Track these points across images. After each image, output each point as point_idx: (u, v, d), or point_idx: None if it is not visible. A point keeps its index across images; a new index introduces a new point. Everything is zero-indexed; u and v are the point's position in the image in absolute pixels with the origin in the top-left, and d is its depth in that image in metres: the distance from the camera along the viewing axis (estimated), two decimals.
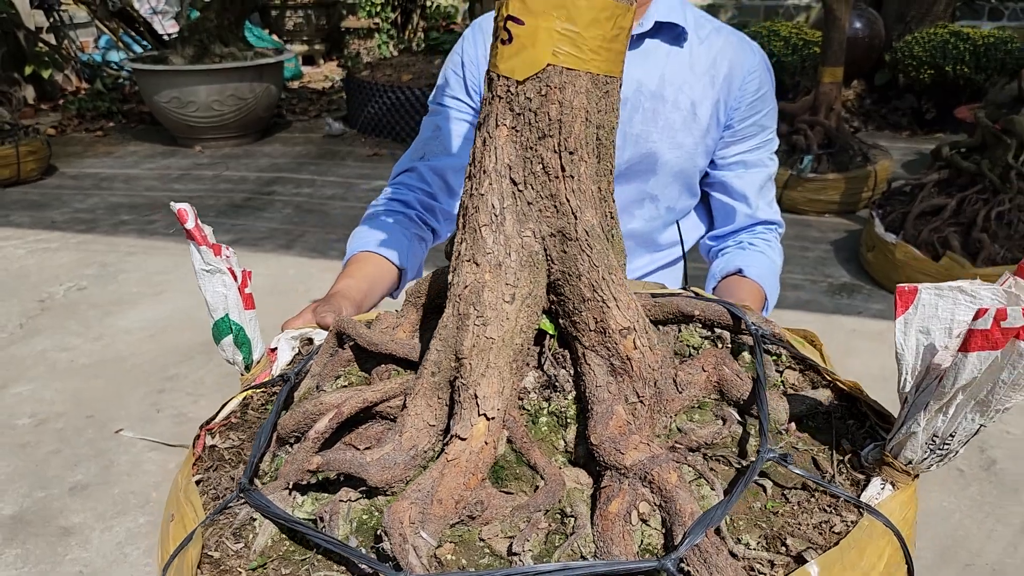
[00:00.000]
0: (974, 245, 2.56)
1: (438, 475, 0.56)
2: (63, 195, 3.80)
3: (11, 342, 2.44)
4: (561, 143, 0.60)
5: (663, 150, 1.30)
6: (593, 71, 0.60)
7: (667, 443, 0.59)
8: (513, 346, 0.61)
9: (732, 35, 1.31)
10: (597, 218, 0.63)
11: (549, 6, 0.58)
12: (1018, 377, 0.46)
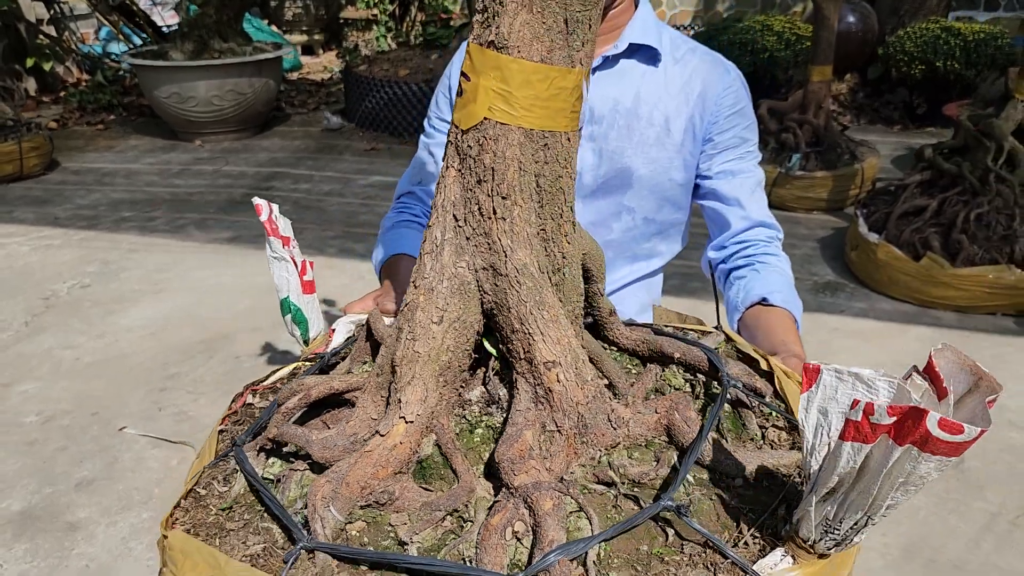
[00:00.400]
0: (954, 246, 2.62)
1: (353, 462, 0.64)
2: (65, 191, 3.87)
3: (17, 340, 2.52)
4: (494, 188, 0.67)
5: (637, 165, 1.37)
6: (526, 126, 0.66)
7: (590, 473, 0.65)
8: (439, 362, 0.69)
9: (707, 55, 1.38)
10: (532, 257, 0.69)
11: (488, 67, 0.65)
12: (907, 477, 0.47)
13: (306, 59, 7.55)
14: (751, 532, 0.60)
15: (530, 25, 0.65)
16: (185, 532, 0.63)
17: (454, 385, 0.73)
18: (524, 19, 0.65)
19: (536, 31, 0.65)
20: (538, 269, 0.70)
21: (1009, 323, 2.58)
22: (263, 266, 2.95)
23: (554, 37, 0.66)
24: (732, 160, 1.38)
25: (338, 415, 0.76)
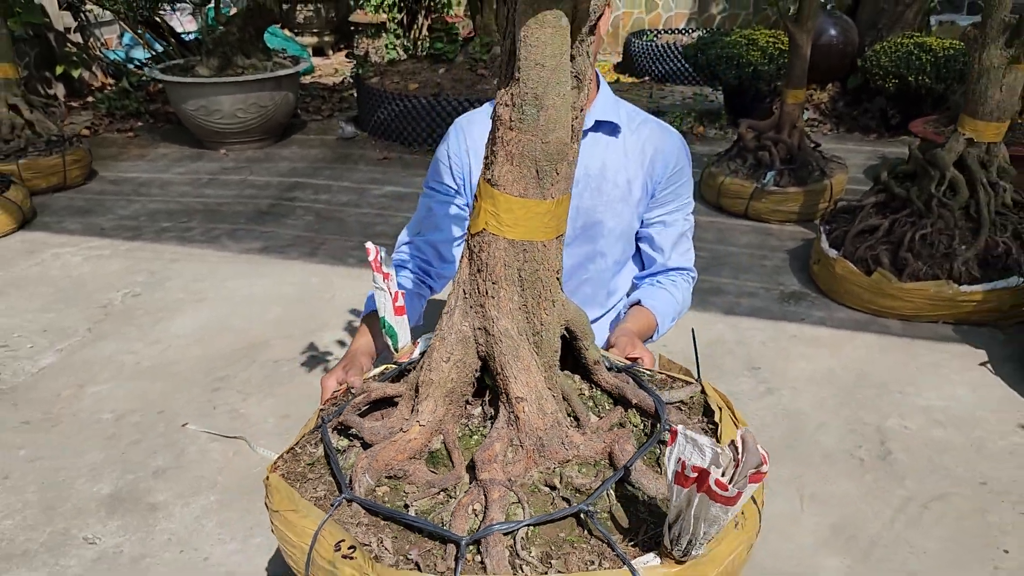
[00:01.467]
0: (901, 262, 2.99)
1: (384, 446, 1.04)
2: (106, 201, 4.24)
3: (83, 346, 2.90)
4: (487, 276, 1.05)
5: (607, 218, 1.76)
6: (509, 237, 1.03)
7: (543, 479, 1.03)
8: (446, 387, 1.09)
9: (656, 125, 1.78)
10: (512, 324, 1.07)
11: (486, 196, 1.03)
12: (706, 515, 0.78)
13: (317, 60, 7.88)
14: (641, 537, 0.91)
15: (512, 172, 1.02)
16: (280, 476, 1.03)
17: (459, 403, 1.13)
18: (508, 168, 1.02)
19: (516, 176, 1.02)
20: (517, 332, 1.08)
21: (948, 331, 2.96)
22: (290, 276, 3.34)
23: (528, 181, 1.03)
24: (666, 213, 1.80)
25: (388, 411, 1.16)
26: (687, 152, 1.81)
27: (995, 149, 3.02)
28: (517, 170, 1.02)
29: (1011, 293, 2.91)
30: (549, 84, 0.96)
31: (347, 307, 3.16)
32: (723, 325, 3.01)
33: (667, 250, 1.81)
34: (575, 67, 1.01)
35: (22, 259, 3.57)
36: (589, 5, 0.95)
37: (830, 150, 4.95)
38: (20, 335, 2.95)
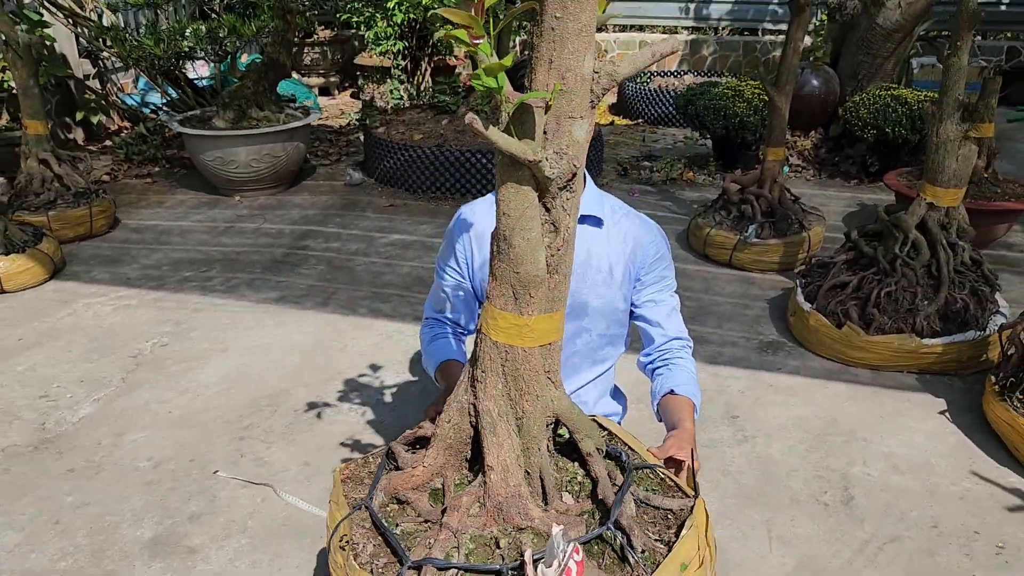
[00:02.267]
0: (868, 317, 3.26)
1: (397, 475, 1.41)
2: (131, 250, 4.51)
3: (119, 395, 3.16)
4: (479, 366, 1.40)
5: (591, 299, 2.04)
6: (495, 339, 1.33)
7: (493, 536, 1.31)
8: (446, 443, 1.45)
9: (637, 218, 2.07)
10: (495, 407, 1.37)
11: (486, 306, 1.31)
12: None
13: (324, 100, 8.18)
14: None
15: (496, 288, 1.31)
16: (344, 476, 1.43)
17: (458, 457, 1.44)
18: (495, 284, 1.31)
19: (499, 292, 1.31)
20: (497, 414, 1.36)
21: (912, 380, 3.22)
22: (306, 325, 3.61)
23: (507, 298, 1.31)
24: (654, 293, 2.08)
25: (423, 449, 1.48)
26: (665, 240, 2.09)
27: (953, 212, 3.30)
28: (499, 288, 1.32)
29: (969, 345, 3.18)
30: (514, 229, 1.25)
31: (358, 356, 3.42)
32: (706, 374, 3.28)
33: (664, 323, 2.08)
34: (551, 216, 1.29)
35: (56, 309, 3.83)
36: (548, 177, 1.22)
37: (812, 196, 5.26)
38: (59, 385, 3.22)
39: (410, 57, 6.75)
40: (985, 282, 3.32)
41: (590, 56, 1.18)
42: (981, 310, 3.25)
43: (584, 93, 1.20)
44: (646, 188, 5.54)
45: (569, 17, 1.14)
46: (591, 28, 1.16)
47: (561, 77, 1.18)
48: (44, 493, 2.59)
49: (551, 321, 1.35)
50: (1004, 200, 4.24)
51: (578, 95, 1.19)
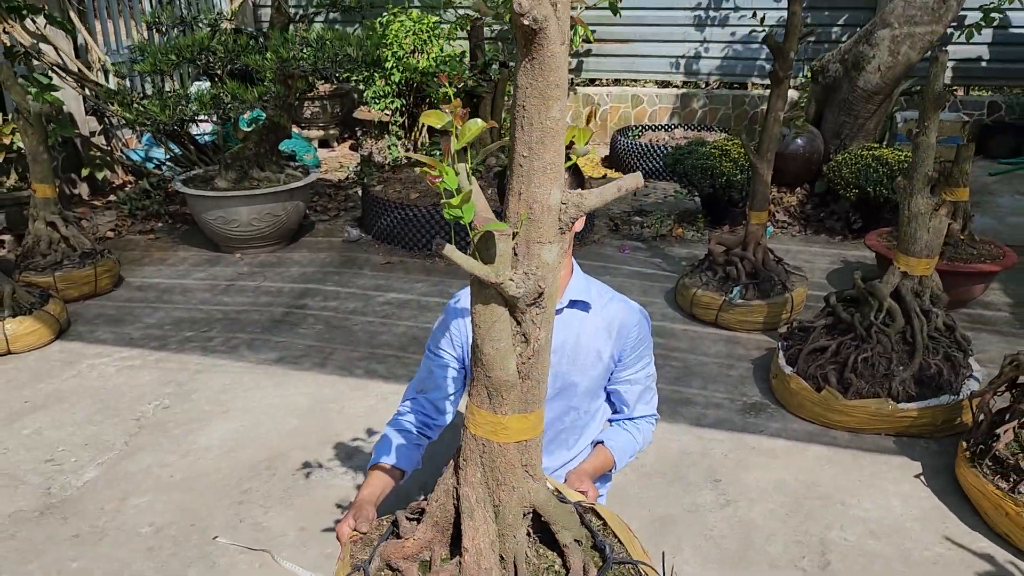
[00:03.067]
0: (846, 381, 3.39)
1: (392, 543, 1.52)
2: (134, 309, 4.64)
3: (121, 458, 3.26)
4: (460, 456, 1.49)
5: (580, 380, 2.17)
6: (472, 432, 1.45)
7: None
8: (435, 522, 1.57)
9: (622, 302, 2.21)
10: (474, 494, 1.48)
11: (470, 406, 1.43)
12: None
13: (323, 153, 8.37)
14: None
15: (474, 387, 1.44)
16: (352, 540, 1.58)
17: (444, 533, 1.57)
18: (474, 383, 1.44)
19: (476, 391, 1.44)
20: (475, 500, 1.48)
21: (889, 443, 3.34)
22: (304, 387, 3.72)
23: (483, 397, 1.43)
24: (632, 374, 2.23)
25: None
26: (648, 321, 2.23)
27: (926, 280, 3.44)
28: (476, 387, 1.46)
29: (943, 410, 3.30)
30: (484, 339, 1.38)
31: (355, 417, 3.53)
32: (690, 437, 3.39)
33: (632, 405, 2.26)
34: (521, 328, 1.42)
35: (61, 370, 3.95)
36: (513, 296, 1.35)
37: (798, 252, 5.41)
38: (64, 449, 3.32)
39: (407, 114, 6.95)
40: (958, 347, 3.45)
41: (556, 189, 1.32)
42: (955, 375, 3.38)
43: (552, 221, 1.34)
44: (636, 244, 5.69)
45: (534, 157, 1.29)
46: (556, 166, 1.30)
47: (529, 207, 1.32)
48: (49, 559, 2.68)
49: (526, 421, 1.47)
50: (979, 262, 4.39)
51: (545, 223, 1.33)
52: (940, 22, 5.47)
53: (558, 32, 1.21)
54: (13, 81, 4.40)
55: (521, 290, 1.35)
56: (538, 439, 1.53)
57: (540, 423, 1.51)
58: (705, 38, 8.59)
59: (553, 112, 1.26)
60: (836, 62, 5.92)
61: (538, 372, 1.46)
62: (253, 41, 5.08)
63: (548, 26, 1.19)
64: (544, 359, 1.46)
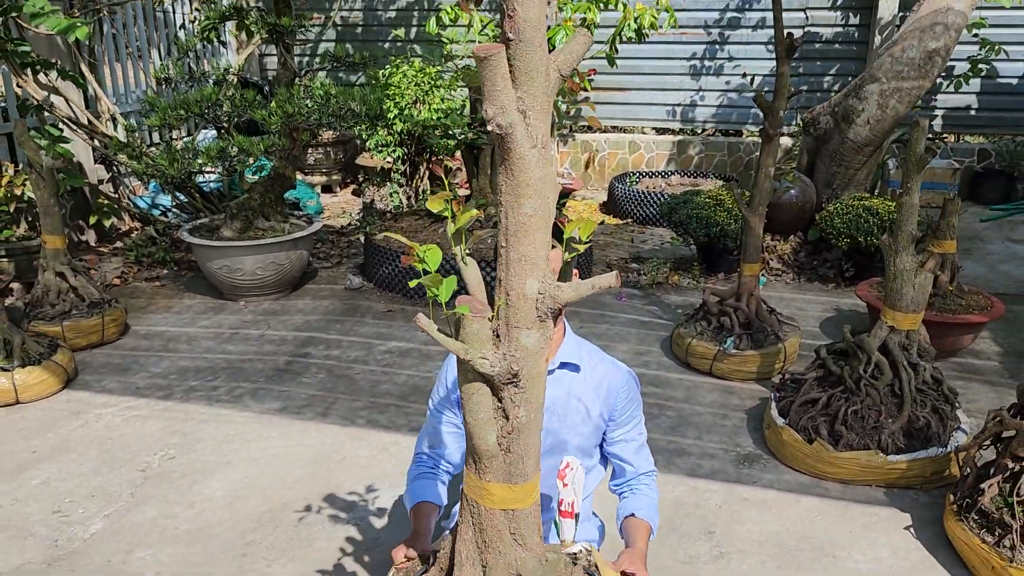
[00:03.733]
0: (837, 433, 3.47)
1: None
2: (140, 358, 4.73)
3: (127, 510, 3.33)
4: (461, 512, 1.56)
5: (570, 437, 2.27)
6: (465, 492, 1.54)
7: None
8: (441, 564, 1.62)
9: (611, 363, 2.31)
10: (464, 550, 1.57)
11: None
12: None
13: (326, 198, 8.52)
14: None
15: (466, 449, 1.52)
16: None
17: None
18: (467, 450, 1.52)
19: (467, 453, 1.51)
20: (465, 557, 1.59)
21: (879, 494, 3.41)
22: (307, 437, 3.80)
23: (471, 463, 1.52)
24: (625, 432, 2.33)
25: None
26: (636, 381, 2.33)
27: (913, 335, 3.54)
28: (467, 449, 1.55)
29: (932, 462, 3.37)
30: (466, 409, 1.50)
31: (356, 468, 3.61)
32: (684, 488, 3.46)
33: (633, 461, 2.35)
34: (502, 405, 1.51)
35: (68, 420, 4.03)
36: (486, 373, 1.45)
37: (791, 300, 5.51)
38: (72, 500, 3.39)
39: (409, 162, 7.10)
40: (945, 400, 3.53)
41: (532, 280, 1.42)
42: (943, 427, 3.46)
43: (529, 309, 1.44)
44: (633, 292, 5.80)
45: (511, 248, 1.40)
46: (531, 258, 1.41)
47: (507, 294, 1.43)
48: None
49: (511, 491, 1.56)
50: (967, 313, 4.49)
51: (522, 310, 1.44)
52: (927, 77, 5.64)
53: (526, 136, 1.32)
54: (27, 138, 4.53)
55: (495, 369, 1.45)
56: (529, 510, 1.61)
57: (529, 496, 1.59)
58: (700, 87, 8.78)
59: (525, 208, 1.37)
60: (827, 114, 6.08)
61: (520, 447, 1.54)
62: (260, 96, 5.22)
63: (514, 131, 1.30)
64: (528, 436, 1.55)
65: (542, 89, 1.32)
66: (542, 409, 1.56)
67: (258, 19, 5.37)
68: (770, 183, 4.35)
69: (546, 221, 1.41)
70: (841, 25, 8.34)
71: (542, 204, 1.39)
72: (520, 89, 1.30)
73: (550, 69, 1.33)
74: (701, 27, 8.62)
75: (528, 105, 1.31)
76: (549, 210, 1.42)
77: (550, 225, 1.42)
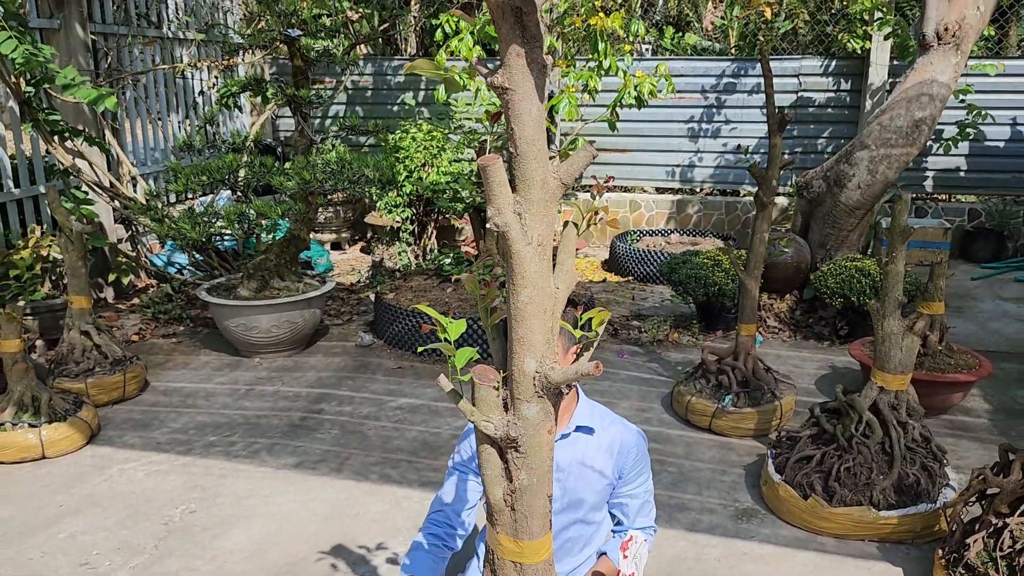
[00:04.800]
0: (831, 490, 3.63)
1: None
2: (160, 414, 4.91)
3: (151, 563, 3.48)
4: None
5: (586, 496, 2.44)
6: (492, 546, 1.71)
7: None
8: None
9: (622, 424, 2.50)
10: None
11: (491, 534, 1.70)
12: None
13: (336, 255, 8.76)
14: None
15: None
16: None
17: None
18: None
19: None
20: None
21: (872, 548, 3.55)
22: (322, 492, 3.96)
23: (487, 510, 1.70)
24: (632, 488, 2.52)
25: None
26: (644, 441, 2.53)
27: (902, 395, 3.72)
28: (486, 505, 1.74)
29: (922, 517, 3.53)
30: (480, 463, 1.69)
31: (370, 522, 3.76)
32: (685, 542, 3.61)
33: (632, 517, 2.56)
34: (507, 467, 1.70)
35: (93, 475, 4.19)
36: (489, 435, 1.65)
37: (788, 357, 5.70)
38: (98, 553, 3.54)
39: (417, 222, 7.35)
40: (934, 457, 3.70)
41: (530, 360, 1.62)
42: (932, 483, 3.62)
43: (528, 384, 1.63)
44: (634, 349, 5.99)
45: (512, 329, 1.61)
46: (528, 340, 1.60)
47: (510, 369, 1.64)
48: None
49: (517, 546, 1.74)
50: (956, 372, 4.67)
51: (523, 385, 1.63)
52: (914, 144, 5.91)
53: (522, 235, 1.53)
54: (59, 204, 4.78)
55: (498, 433, 1.65)
56: (538, 566, 1.78)
57: (536, 554, 1.76)
58: (699, 149, 9.09)
59: (522, 297, 1.57)
60: (820, 178, 6.34)
61: (524, 507, 1.72)
62: (276, 162, 5.49)
63: (511, 230, 1.52)
64: (532, 499, 1.72)
65: (539, 195, 1.53)
66: (548, 475, 1.73)
67: (277, 90, 5.67)
68: (764, 247, 4.57)
69: (543, 308, 1.60)
70: (833, 90, 8.67)
71: (537, 294, 1.59)
72: (519, 194, 1.52)
73: (549, 178, 1.55)
74: (698, 92, 8.97)
75: (525, 208, 1.52)
76: (548, 298, 1.62)
77: (551, 311, 1.62)
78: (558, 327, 1.65)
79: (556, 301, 1.62)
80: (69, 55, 6.51)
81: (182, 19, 8.00)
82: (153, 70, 7.42)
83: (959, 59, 5.84)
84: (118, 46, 7.21)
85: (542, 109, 1.49)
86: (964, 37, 5.79)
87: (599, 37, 6.84)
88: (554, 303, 1.62)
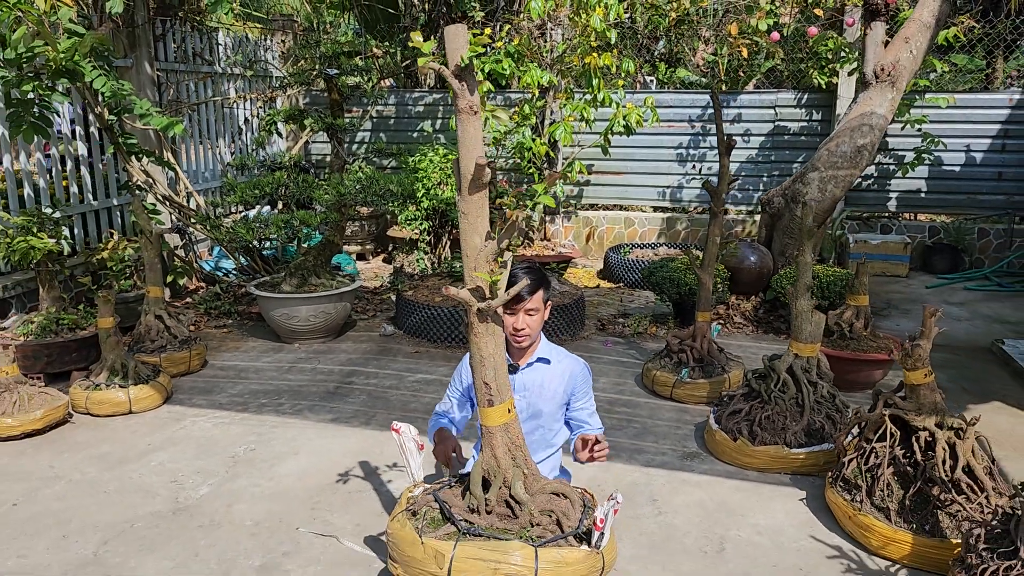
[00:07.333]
0: (754, 434, 4.60)
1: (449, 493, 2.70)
2: (219, 383, 5.96)
3: (225, 481, 4.50)
4: None
5: (544, 408, 3.47)
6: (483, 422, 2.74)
7: None
8: None
9: (572, 359, 3.55)
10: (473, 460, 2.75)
11: None
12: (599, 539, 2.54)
13: (361, 265, 9.83)
14: None
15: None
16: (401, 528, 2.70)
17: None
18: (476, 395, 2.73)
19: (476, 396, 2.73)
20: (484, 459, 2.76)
21: (786, 479, 4.52)
22: (354, 439, 4.98)
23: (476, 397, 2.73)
24: (582, 403, 3.54)
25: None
26: (588, 370, 3.56)
27: (812, 361, 4.71)
28: (476, 391, 2.75)
29: (825, 454, 4.50)
30: (471, 353, 2.70)
31: (391, 457, 4.77)
32: (639, 474, 4.60)
33: (589, 421, 3.57)
34: (479, 346, 2.73)
35: (171, 425, 5.24)
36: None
37: (749, 346, 6.68)
38: (183, 474, 4.58)
39: (433, 233, 8.42)
40: (837, 410, 4.67)
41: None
42: (835, 429, 4.59)
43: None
44: (617, 340, 6.99)
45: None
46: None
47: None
48: (186, 539, 3.91)
49: (491, 410, 2.78)
50: (876, 352, 5.64)
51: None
52: (857, 167, 6.91)
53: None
54: (142, 210, 5.88)
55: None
56: (511, 423, 2.80)
57: (505, 413, 2.78)
58: (686, 172, 10.13)
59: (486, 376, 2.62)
60: (780, 196, 7.34)
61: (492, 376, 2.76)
62: (315, 179, 6.58)
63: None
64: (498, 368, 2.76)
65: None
66: (502, 344, 2.77)
67: (316, 119, 6.78)
68: (717, 249, 5.58)
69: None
70: (806, 120, 9.70)
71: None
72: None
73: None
74: (686, 121, 10.02)
75: None
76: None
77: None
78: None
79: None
80: (139, 88, 7.67)
81: (231, 57, 9.17)
82: (207, 101, 8.57)
83: (895, 95, 6.86)
84: (178, 81, 8.37)
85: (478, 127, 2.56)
86: (899, 76, 6.82)
87: (593, 73, 7.92)
88: None
